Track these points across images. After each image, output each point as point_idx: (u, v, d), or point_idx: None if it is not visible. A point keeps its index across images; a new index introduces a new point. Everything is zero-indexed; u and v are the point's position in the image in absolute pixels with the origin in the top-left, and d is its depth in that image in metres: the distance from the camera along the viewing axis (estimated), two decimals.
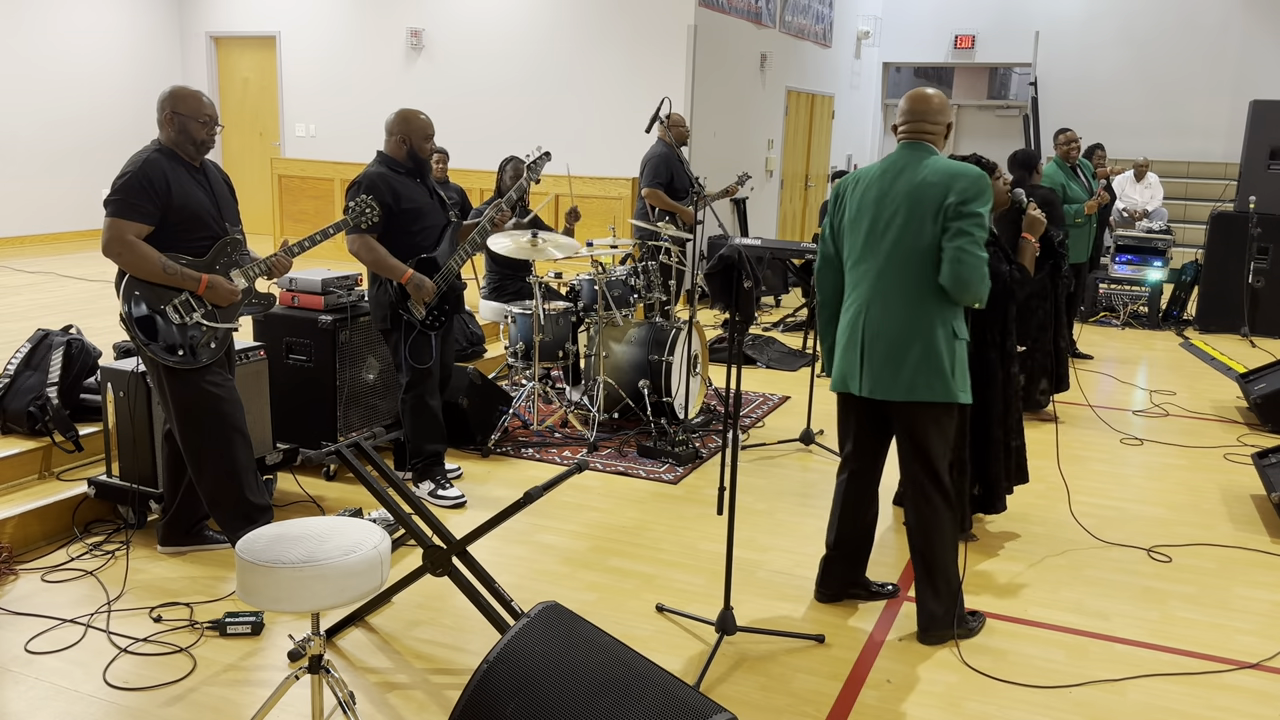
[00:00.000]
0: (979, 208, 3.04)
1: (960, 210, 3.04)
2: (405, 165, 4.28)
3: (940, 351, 3.10)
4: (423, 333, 4.29)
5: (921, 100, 3.18)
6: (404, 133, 4.25)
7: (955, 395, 3.14)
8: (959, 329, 3.15)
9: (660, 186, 6.91)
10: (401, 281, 4.19)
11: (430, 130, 4.30)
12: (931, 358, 3.10)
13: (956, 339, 3.14)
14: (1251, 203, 8.76)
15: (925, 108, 3.18)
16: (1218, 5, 12.74)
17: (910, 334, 3.11)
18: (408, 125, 4.25)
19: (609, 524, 4.25)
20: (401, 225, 4.21)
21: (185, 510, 3.82)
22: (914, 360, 3.11)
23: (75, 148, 10.61)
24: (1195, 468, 5.26)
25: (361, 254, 4.17)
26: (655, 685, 2.09)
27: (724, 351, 7.18)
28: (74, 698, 2.89)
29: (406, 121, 4.26)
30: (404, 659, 3.15)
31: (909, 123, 3.21)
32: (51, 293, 7.45)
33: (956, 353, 3.15)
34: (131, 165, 3.44)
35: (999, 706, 2.97)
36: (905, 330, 3.12)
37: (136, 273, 3.44)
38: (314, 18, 10.65)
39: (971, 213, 3.03)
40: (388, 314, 4.26)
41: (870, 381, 3.19)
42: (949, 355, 3.12)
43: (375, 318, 4.33)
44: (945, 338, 3.11)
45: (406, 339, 4.27)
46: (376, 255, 4.17)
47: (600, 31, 9.39)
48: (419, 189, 4.30)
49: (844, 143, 13.89)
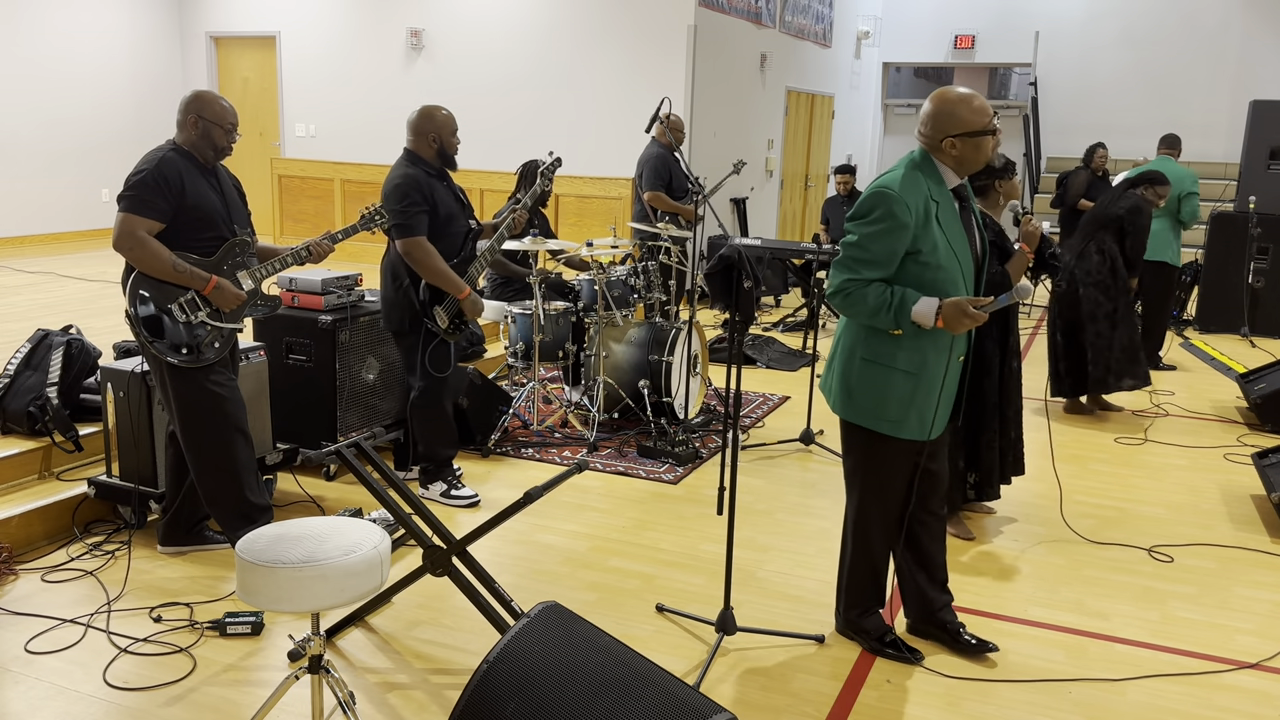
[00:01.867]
0: (851, 228, 2.94)
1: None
2: (434, 166, 4.20)
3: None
4: (443, 341, 4.27)
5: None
6: (433, 130, 4.16)
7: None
8: (871, 354, 3.00)
9: (660, 188, 6.91)
10: (460, 298, 4.15)
11: (455, 125, 4.24)
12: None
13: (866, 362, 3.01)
14: (1251, 203, 8.76)
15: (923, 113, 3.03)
16: (1218, 5, 12.74)
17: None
18: (435, 122, 4.17)
19: (609, 524, 4.25)
20: (435, 229, 4.15)
21: (185, 510, 3.82)
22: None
23: (75, 147, 10.61)
24: (1195, 468, 5.26)
25: (420, 259, 4.07)
26: (655, 685, 2.09)
27: (724, 351, 7.18)
28: (74, 698, 2.89)
29: (433, 118, 4.17)
30: (404, 659, 3.15)
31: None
32: (51, 293, 7.44)
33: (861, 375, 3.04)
34: (147, 163, 3.47)
35: (999, 706, 2.97)
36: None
37: (146, 269, 3.46)
38: (314, 18, 10.65)
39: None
40: (406, 317, 4.21)
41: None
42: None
43: (390, 319, 4.27)
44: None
45: (426, 347, 4.24)
46: (436, 265, 4.09)
47: (600, 31, 9.39)
48: (447, 191, 4.24)
49: (844, 143, 13.89)
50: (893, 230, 2.85)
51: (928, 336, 2.94)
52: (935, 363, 2.97)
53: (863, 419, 3.03)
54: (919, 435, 3.02)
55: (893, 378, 2.96)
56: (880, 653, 3.24)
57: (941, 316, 2.85)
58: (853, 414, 3.04)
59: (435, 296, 4.19)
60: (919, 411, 3.00)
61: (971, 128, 2.86)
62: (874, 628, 3.27)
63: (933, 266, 2.88)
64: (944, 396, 3.04)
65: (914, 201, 2.86)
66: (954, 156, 2.90)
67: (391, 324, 4.28)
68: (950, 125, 2.87)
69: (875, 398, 2.98)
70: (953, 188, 2.97)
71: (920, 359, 2.95)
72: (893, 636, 3.25)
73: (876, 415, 3.00)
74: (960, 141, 2.87)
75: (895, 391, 2.96)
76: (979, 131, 2.86)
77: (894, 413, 2.98)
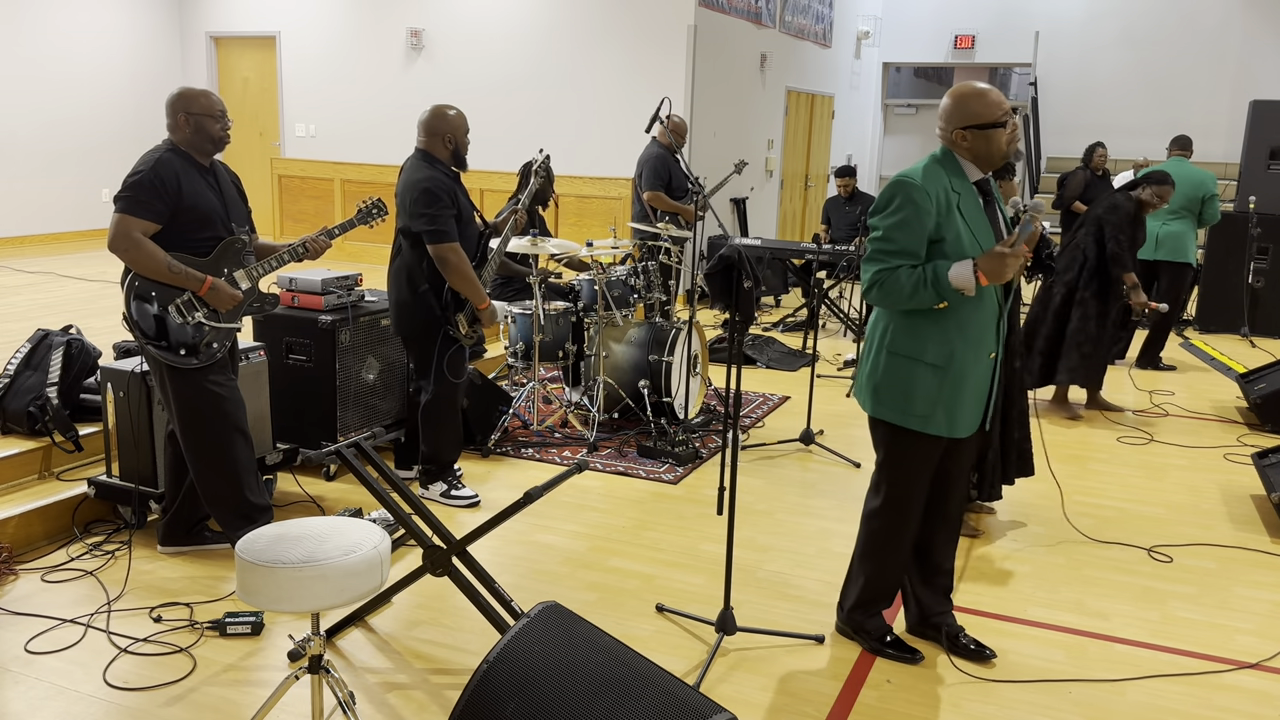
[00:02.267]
0: (875, 222, 2.94)
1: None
2: (447, 166, 4.16)
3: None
4: (460, 347, 4.26)
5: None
6: (448, 131, 4.12)
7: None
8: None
9: (659, 188, 6.91)
10: (480, 308, 4.14)
11: (468, 124, 4.20)
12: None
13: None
14: (1251, 203, 8.76)
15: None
16: (1218, 5, 12.74)
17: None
18: (450, 123, 4.12)
19: (609, 524, 4.25)
20: (458, 233, 4.12)
21: (185, 510, 3.82)
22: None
23: (75, 147, 10.61)
24: (1195, 468, 5.26)
25: (455, 264, 4.03)
26: (655, 685, 2.09)
27: (724, 351, 7.18)
28: (74, 698, 2.89)
29: (446, 118, 4.12)
30: (404, 659, 3.15)
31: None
32: (51, 293, 7.44)
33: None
34: (144, 164, 3.46)
35: (999, 706, 2.97)
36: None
37: (141, 270, 3.45)
38: (314, 18, 10.65)
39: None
40: (422, 322, 4.18)
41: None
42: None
43: (402, 323, 4.22)
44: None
45: (445, 352, 4.22)
46: (468, 271, 4.06)
47: (600, 31, 9.39)
48: (464, 193, 4.21)
49: (844, 143, 13.89)
50: (915, 216, 2.84)
51: (956, 329, 2.90)
52: (963, 356, 2.92)
53: (890, 414, 2.99)
54: (946, 431, 2.97)
55: (919, 371, 2.92)
56: (880, 653, 3.23)
57: (981, 271, 2.79)
58: (880, 409, 3.01)
59: (458, 302, 4.17)
60: (946, 407, 2.95)
61: (981, 120, 2.86)
62: (875, 628, 3.27)
63: (956, 259, 2.86)
64: (974, 393, 2.98)
65: (933, 189, 2.85)
66: (967, 149, 2.90)
67: (403, 329, 4.23)
68: (961, 118, 2.89)
69: (902, 391, 2.95)
70: (975, 181, 2.95)
71: (948, 351, 2.91)
72: (893, 637, 3.25)
73: (904, 410, 2.97)
74: (970, 134, 2.88)
75: (922, 385, 2.93)
76: (989, 124, 2.86)
77: (921, 407, 2.94)
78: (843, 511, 4.47)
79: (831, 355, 7.62)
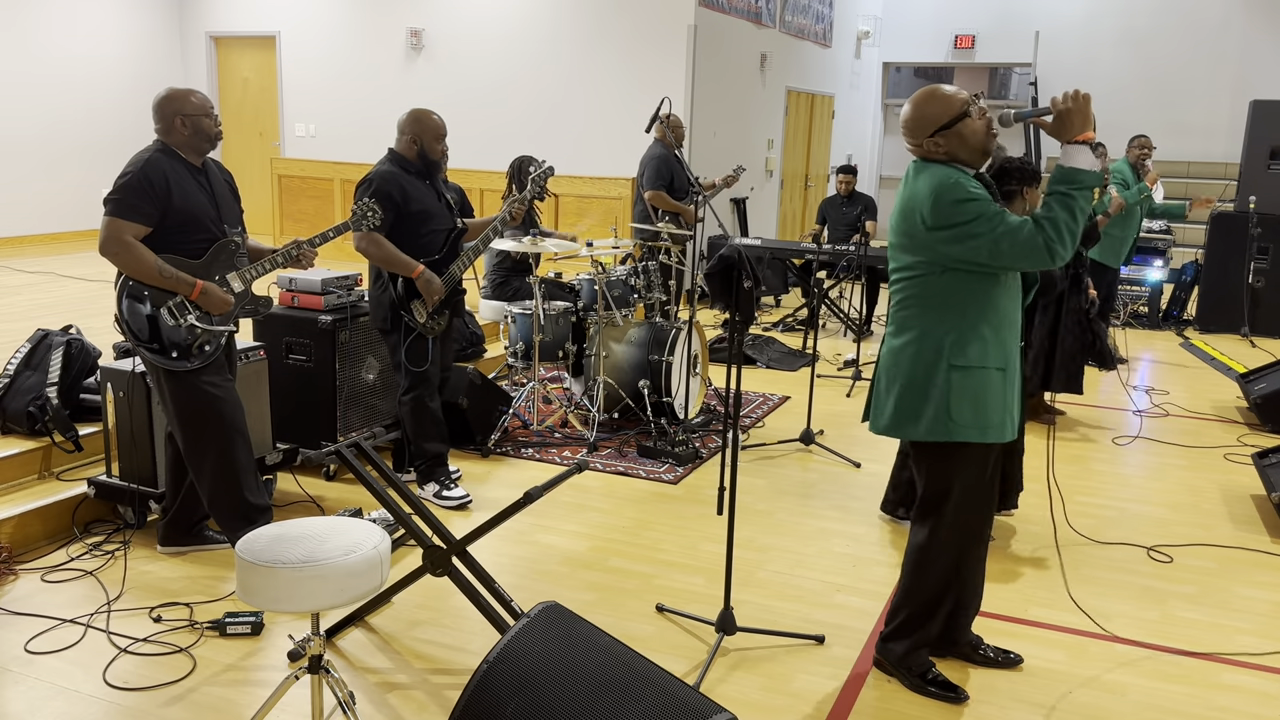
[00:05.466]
0: (964, 226, 2.71)
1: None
2: (415, 165, 4.27)
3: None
4: (421, 336, 4.28)
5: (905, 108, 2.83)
6: (415, 133, 4.25)
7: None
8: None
9: (661, 188, 6.91)
10: (412, 276, 4.18)
11: (442, 131, 4.29)
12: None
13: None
14: (1251, 203, 8.76)
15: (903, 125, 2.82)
16: (1218, 5, 12.74)
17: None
18: (419, 125, 4.24)
19: (609, 524, 4.25)
20: (409, 227, 4.19)
21: (185, 510, 3.82)
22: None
23: (75, 148, 10.61)
24: (1195, 468, 5.25)
25: (370, 250, 4.15)
26: (655, 685, 2.09)
27: (724, 351, 7.18)
28: (74, 698, 2.89)
29: (418, 121, 4.24)
30: (404, 659, 3.15)
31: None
32: (51, 293, 7.44)
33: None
34: (133, 166, 3.44)
35: (999, 706, 2.97)
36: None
37: (131, 273, 3.44)
38: (314, 18, 10.65)
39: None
40: (388, 314, 4.25)
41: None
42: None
43: (374, 318, 4.33)
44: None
45: (405, 341, 4.26)
46: (385, 251, 4.15)
47: (600, 31, 9.39)
48: (428, 191, 4.28)
49: (844, 143, 13.89)
50: (983, 194, 2.66)
51: (1007, 327, 2.78)
52: (1014, 352, 2.81)
53: (969, 433, 2.76)
54: (1011, 435, 2.83)
55: (990, 379, 2.76)
56: (923, 691, 3.00)
57: (1079, 135, 2.58)
58: (955, 430, 2.77)
59: (411, 291, 4.21)
60: (1009, 409, 2.82)
61: (942, 119, 2.70)
62: (918, 664, 3.04)
63: (978, 274, 2.71)
64: (1018, 391, 2.89)
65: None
66: (945, 153, 2.73)
67: (376, 321, 4.34)
68: (926, 125, 2.73)
69: (976, 406, 2.75)
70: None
71: (1005, 353, 2.78)
72: (935, 674, 3.03)
73: (983, 425, 2.77)
74: (942, 136, 2.72)
75: (993, 393, 2.77)
76: (954, 118, 2.70)
77: (996, 417, 2.78)
78: (843, 512, 4.47)
79: (831, 355, 7.62)
